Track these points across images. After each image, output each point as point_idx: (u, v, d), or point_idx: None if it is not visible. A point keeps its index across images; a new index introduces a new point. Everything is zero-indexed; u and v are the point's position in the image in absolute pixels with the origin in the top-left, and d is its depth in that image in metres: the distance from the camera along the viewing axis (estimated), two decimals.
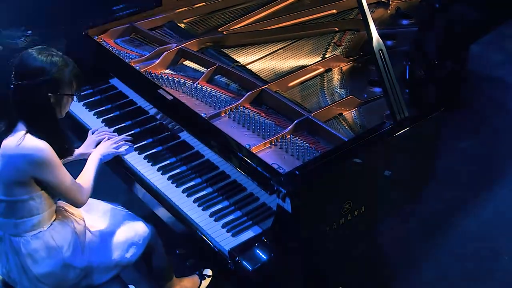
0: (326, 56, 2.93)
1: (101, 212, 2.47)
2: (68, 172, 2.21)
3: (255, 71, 2.84)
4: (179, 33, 3.14)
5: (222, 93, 2.73)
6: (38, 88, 2.07)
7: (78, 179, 2.30)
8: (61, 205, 2.36)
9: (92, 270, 2.33)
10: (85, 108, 2.93)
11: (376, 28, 2.35)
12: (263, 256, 2.15)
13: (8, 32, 4.57)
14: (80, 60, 2.29)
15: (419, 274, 3.00)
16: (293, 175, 2.18)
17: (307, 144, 2.42)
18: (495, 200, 3.43)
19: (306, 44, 3.04)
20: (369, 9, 2.34)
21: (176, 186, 2.47)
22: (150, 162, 2.57)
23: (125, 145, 2.59)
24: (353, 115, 2.59)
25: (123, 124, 2.81)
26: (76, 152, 2.54)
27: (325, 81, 2.80)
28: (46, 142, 2.10)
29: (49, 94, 2.10)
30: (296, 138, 2.45)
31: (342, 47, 3.02)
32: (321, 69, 2.85)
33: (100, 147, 2.50)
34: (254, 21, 3.20)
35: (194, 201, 2.40)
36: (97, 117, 2.87)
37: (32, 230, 2.23)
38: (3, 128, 2.15)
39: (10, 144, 2.09)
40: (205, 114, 2.54)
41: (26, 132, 2.10)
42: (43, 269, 2.23)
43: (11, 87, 2.07)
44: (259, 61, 2.93)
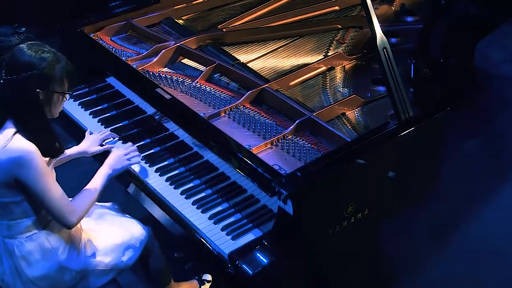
0: (329, 54, 2.93)
1: (97, 214, 2.47)
2: (59, 186, 2.14)
3: (256, 70, 2.85)
4: (178, 30, 3.14)
5: (222, 92, 2.73)
6: (27, 83, 2.05)
7: (78, 196, 2.24)
8: None
9: (88, 273, 2.33)
10: (81, 108, 2.93)
11: (380, 25, 2.35)
12: (264, 260, 2.15)
13: (1, 29, 4.56)
14: (76, 58, 2.28)
15: (423, 275, 3.01)
16: (295, 177, 2.18)
17: (309, 145, 2.42)
18: (501, 200, 3.43)
19: (308, 42, 3.04)
20: (373, 6, 2.35)
21: (175, 188, 2.47)
22: (148, 163, 2.58)
23: (137, 156, 2.47)
24: (356, 115, 2.60)
25: (120, 124, 2.81)
26: (77, 150, 2.54)
27: (328, 80, 2.80)
28: (35, 145, 2.07)
29: (38, 90, 2.08)
30: (298, 139, 2.45)
31: (345, 45, 3.02)
32: (324, 68, 2.85)
33: (109, 160, 2.37)
34: (255, 18, 3.20)
35: (193, 203, 2.40)
36: (93, 117, 2.87)
37: (26, 232, 2.22)
38: None
39: None
40: (204, 114, 2.54)
41: (15, 133, 2.09)
42: (38, 272, 2.23)
43: (0, 82, 2.06)
44: (260, 59, 2.93)
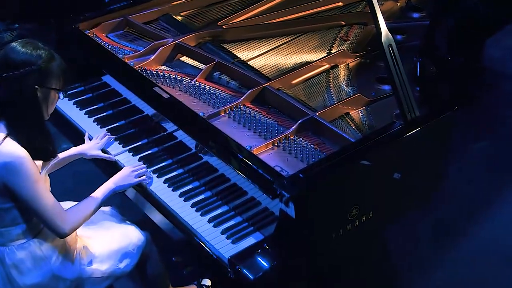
0: (332, 52, 2.93)
1: (94, 219, 2.47)
2: (51, 194, 2.14)
3: (257, 68, 2.85)
4: (176, 27, 3.14)
5: (222, 91, 2.74)
6: (25, 80, 2.05)
7: (75, 206, 2.24)
8: None
9: (83, 282, 2.33)
10: (76, 107, 2.93)
11: (385, 22, 2.35)
12: (265, 264, 2.15)
13: None
14: (71, 56, 2.29)
15: (428, 277, 3.00)
16: (297, 178, 2.18)
17: (312, 145, 2.42)
18: (509, 202, 3.43)
19: (311, 39, 3.05)
20: (378, 2, 2.34)
21: (173, 190, 2.48)
22: (145, 165, 2.57)
23: (146, 174, 2.48)
24: (361, 115, 2.60)
25: (116, 124, 2.81)
26: (75, 151, 2.55)
27: (331, 78, 2.80)
28: (27, 149, 2.06)
29: (36, 87, 2.08)
30: (300, 139, 2.45)
31: (349, 42, 3.02)
32: (327, 66, 2.86)
33: (117, 176, 2.38)
34: (256, 14, 3.20)
35: (192, 206, 2.40)
36: (89, 116, 2.87)
37: (17, 240, 2.21)
38: None
39: None
40: (204, 114, 2.54)
41: (6, 136, 2.08)
42: (30, 281, 2.22)
43: None
44: (261, 57, 2.94)
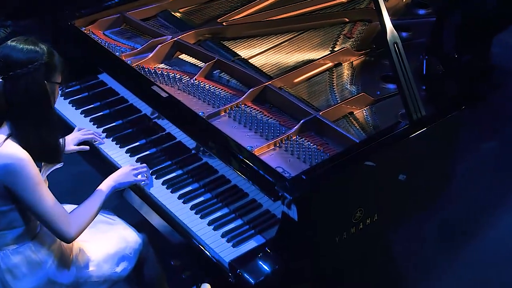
0: (335, 50, 2.93)
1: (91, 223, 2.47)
2: (53, 195, 2.14)
3: (258, 66, 2.85)
4: (175, 24, 3.15)
5: (222, 90, 2.74)
6: (33, 76, 2.08)
7: (77, 208, 2.24)
8: None
9: (79, 286, 2.33)
10: (72, 106, 2.93)
11: (390, 19, 2.36)
12: (267, 269, 2.15)
13: None
14: (66, 54, 2.29)
15: (434, 281, 3.00)
16: (300, 180, 2.18)
17: (315, 146, 2.42)
18: None
19: (314, 36, 3.05)
20: None
21: (172, 192, 2.48)
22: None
23: (145, 172, 2.48)
24: (365, 114, 2.60)
25: (113, 124, 2.82)
26: None
27: (334, 77, 2.80)
28: (31, 151, 2.07)
29: (45, 82, 2.11)
30: (303, 139, 2.45)
31: (353, 40, 3.02)
32: (330, 64, 2.86)
33: (117, 173, 2.39)
34: (257, 11, 3.20)
35: (191, 208, 2.41)
36: (85, 116, 2.87)
37: (13, 244, 2.21)
38: None
39: None
40: (203, 113, 2.55)
41: (6, 138, 2.09)
42: (25, 286, 2.22)
43: (0, 82, 2.06)
44: (262, 55, 2.94)
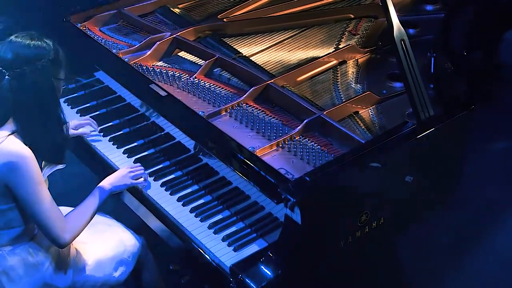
0: (340, 47, 2.93)
1: (88, 225, 2.47)
2: (53, 200, 2.16)
3: (260, 64, 2.85)
4: (174, 20, 3.15)
5: (223, 89, 2.74)
6: (44, 73, 2.12)
7: (72, 212, 2.25)
8: None
9: None
10: (67, 105, 2.94)
11: (397, 15, 2.35)
12: (269, 273, 2.15)
13: None
14: (62, 51, 2.29)
15: None
16: (303, 182, 2.18)
17: (319, 147, 2.43)
18: None
19: (317, 33, 3.05)
20: None
21: (171, 194, 2.48)
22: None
23: (144, 176, 2.49)
24: (371, 114, 2.60)
25: (110, 124, 2.82)
26: None
27: (339, 75, 2.81)
28: (36, 149, 2.10)
29: (52, 78, 2.15)
30: (306, 140, 2.46)
31: (358, 37, 3.02)
32: (334, 62, 2.86)
33: (113, 176, 2.40)
34: (259, 7, 3.20)
35: (191, 211, 2.41)
36: (81, 115, 2.88)
37: (10, 245, 2.23)
38: None
39: None
40: (203, 112, 2.55)
41: (11, 133, 2.11)
42: None
43: (6, 79, 2.09)
44: (264, 52, 2.94)
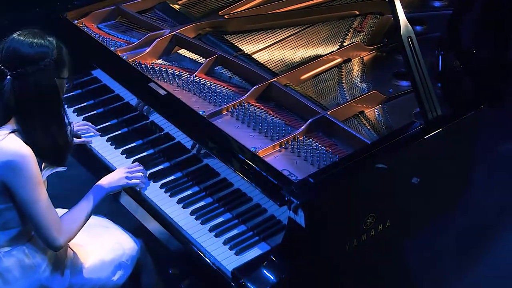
0: (345, 44, 2.93)
1: (85, 227, 2.47)
2: (50, 201, 2.17)
3: (262, 62, 2.85)
4: (173, 17, 3.15)
5: (224, 87, 2.74)
6: (47, 73, 2.12)
7: (67, 214, 2.26)
8: None
9: None
10: (63, 104, 2.94)
11: (404, 11, 2.35)
12: (272, 278, 2.15)
13: None
14: None
15: None
16: (307, 184, 2.18)
17: (323, 147, 2.43)
18: None
19: (321, 30, 3.05)
20: None
21: (170, 196, 2.48)
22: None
23: (141, 176, 2.49)
24: (377, 113, 2.60)
25: (108, 123, 2.82)
26: None
27: (344, 74, 2.81)
28: (36, 150, 2.11)
29: (55, 78, 2.15)
30: (310, 140, 2.46)
31: (363, 34, 3.02)
32: (339, 60, 2.86)
33: (109, 176, 2.41)
34: (261, 3, 3.20)
35: (191, 213, 2.41)
36: (77, 115, 2.88)
37: (6, 246, 2.23)
38: None
39: None
40: (204, 112, 2.55)
41: (12, 132, 2.12)
42: None
43: (8, 79, 2.10)
44: (267, 50, 2.94)
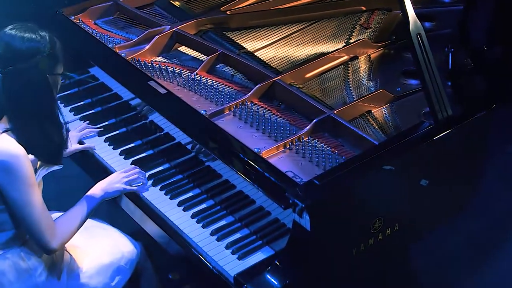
0: (351, 41, 2.93)
1: (82, 229, 2.47)
2: (44, 203, 2.16)
3: (265, 60, 2.85)
4: (173, 13, 3.16)
5: (226, 86, 2.74)
6: (38, 69, 2.11)
7: (61, 218, 2.25)
8: None
9: None
10: (60, 103, 2.93)
11: (413, 7, 2.35)
12: (276, 283, 2.15)
13: None
14: None
15: None
16: (312, 186, 2.18)
17: (329, 148, 2.42)
18: None
19: (327, 27, 3.05)
20: None
21: (171, 198, 2.48)
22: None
23: (139, 180, 2.46)
24: (384, 113, 2.60)
25: (106, 123, 2.82)
26: None
27: (350, 72, 2.80)
28: (30, 150, 2.11)
29: (47, 75, 2.14)
30: (315, 141, 2.45)
31: (370, 30, 3.02)
32: (345, 57, 2.86)
33: (106, 181, 2.37)
34: None
35: (192, 216, 2.41)
36: (74, 114, 2.89)
37: (0, 249, 2.23)
38: None
39: None
40: (205, 111, 2.55)
41: (4, 131, 2.12)
42: None
43: None
44: (270, 47, 2.94)
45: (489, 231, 3.32)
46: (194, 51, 2.94)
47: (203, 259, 2.29)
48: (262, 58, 2.86)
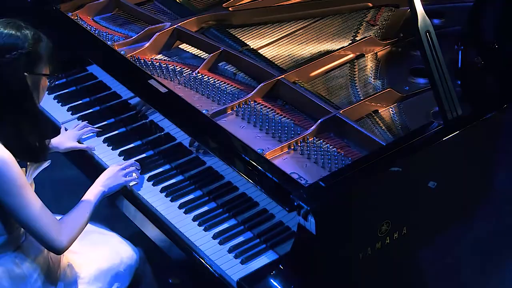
0: (357, 39, 2.93)
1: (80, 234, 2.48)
2: (41, 202, 2.15)
3: (269, 57, 2.85)
4: (174, 9, 3.16)
5: (228, 85, 2.74)
6: (12, 67, 2.08)
7: (66, 216, 2.25)
8: None
9: None
10: (57, 102, 2.95)
11: (422, 3, 2.35)
12: None
13: None
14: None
15: None
16: (318, 188, 2.18)
17: (335, 149, 2.42)
18: None
19: (332, 24, 3.05)
20: None
21: (171, 201, 2.48)
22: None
23: (135, 173, 2.52)
24: (392, 113, 2.60)
25: (104, 123, 2.83)
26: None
27: (356, 70, 2.80)
28: (11, 150, 2.08)
29: (25, 74, 2.11)
30: (321, 142, 2.45)
31: (377, 28, 3.02)
32: (351, 55, 2.86)
33: (103, 177, 2.41)
34: None
35: (194, 219, 2.41)
36: (72, 113, 2.89)
37: None
38: None
39: None
40: (207, 111, 2.55)
41: None
42: None
43: None
44: (274, 45, 2.94)
45: (499, 237, 3.31)
46: (196, 49, 2.94)
47: (205, 263, 2.29)
48: (266, 56, 2.86)
